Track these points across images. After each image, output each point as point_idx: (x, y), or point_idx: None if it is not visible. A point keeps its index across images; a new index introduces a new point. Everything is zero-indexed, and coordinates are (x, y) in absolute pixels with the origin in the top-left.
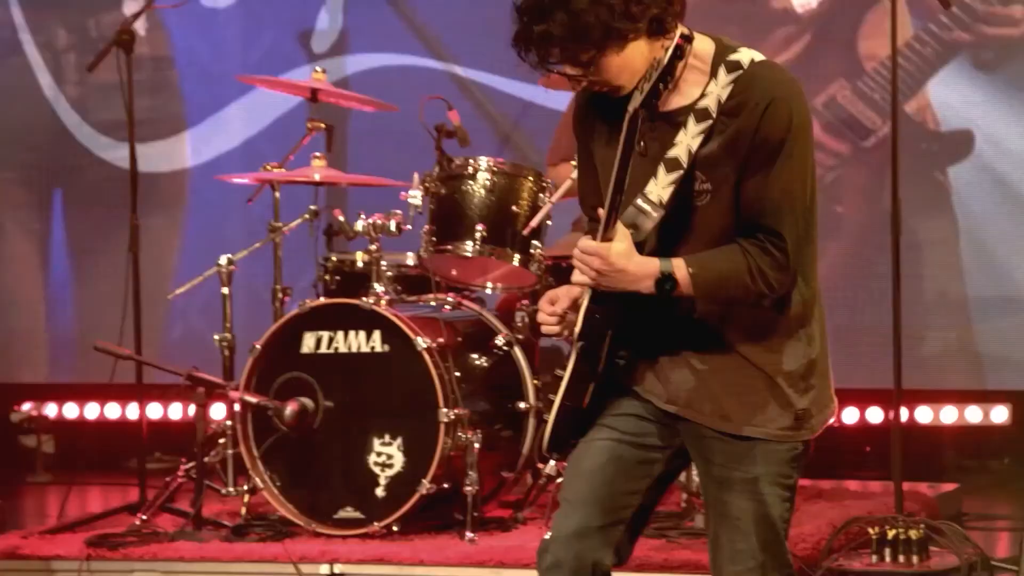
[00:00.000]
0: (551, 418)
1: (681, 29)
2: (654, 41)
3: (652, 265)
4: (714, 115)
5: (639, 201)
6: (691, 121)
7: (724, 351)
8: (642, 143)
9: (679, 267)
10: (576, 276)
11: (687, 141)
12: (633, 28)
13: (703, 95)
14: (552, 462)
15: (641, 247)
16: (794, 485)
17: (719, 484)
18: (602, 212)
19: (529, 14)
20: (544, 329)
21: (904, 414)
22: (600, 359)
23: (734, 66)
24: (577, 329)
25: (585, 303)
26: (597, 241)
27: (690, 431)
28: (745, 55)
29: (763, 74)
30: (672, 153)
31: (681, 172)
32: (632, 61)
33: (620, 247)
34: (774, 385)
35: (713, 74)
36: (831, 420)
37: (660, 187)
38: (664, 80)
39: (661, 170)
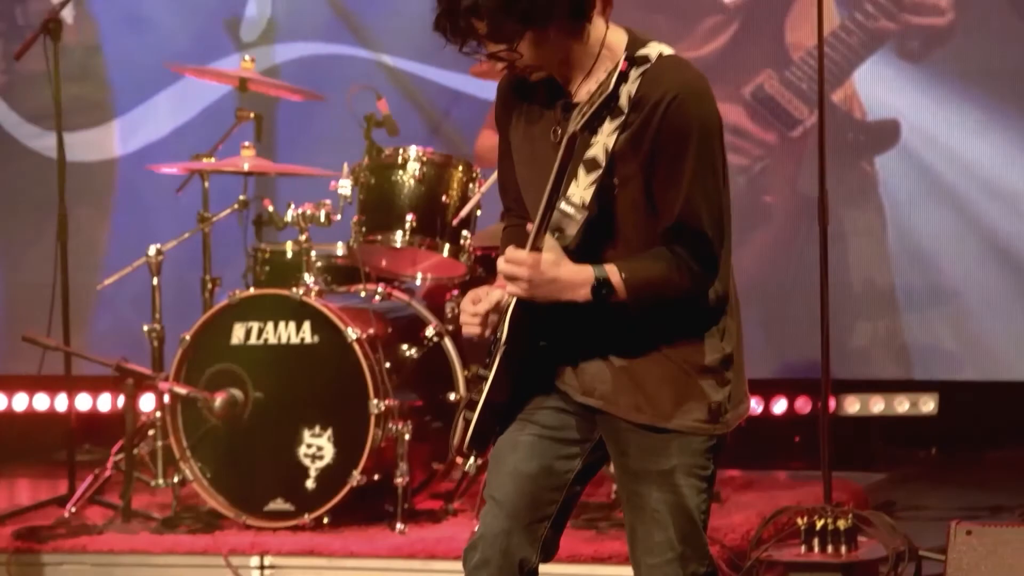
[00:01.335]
0: (474, 418)
1: (617, 30)
2: (575, 23)
3: (586, 272)
4: (625, 112)
5: (563, 205)
6: (606, 119)
7: (640, 345)
8: (558, 131)
9: (612, 272)
10: (509, 287)
11: (603, 140)
12: (557, 1)
13: (615, 95)
14: (472, 459)
15: (566, 249)
16: (711, 476)
17: (635, 476)
18: (529, 226)
19: None
20: (465, 330)
21: (832, 404)
22: (521, 366)
23: (642, 60)
24: (503, 335)
25: (511, 309)
26: (525, 251)
27: (606, 423)
28: (654, 49)
29: (668, 71)
30: (590, 153)
31: (600, 171)
32: (554, 40)
33: (549, 256)
34: (689, 378)
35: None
36: (745, 416)
37: (581, 188)
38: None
39: (581, 171)
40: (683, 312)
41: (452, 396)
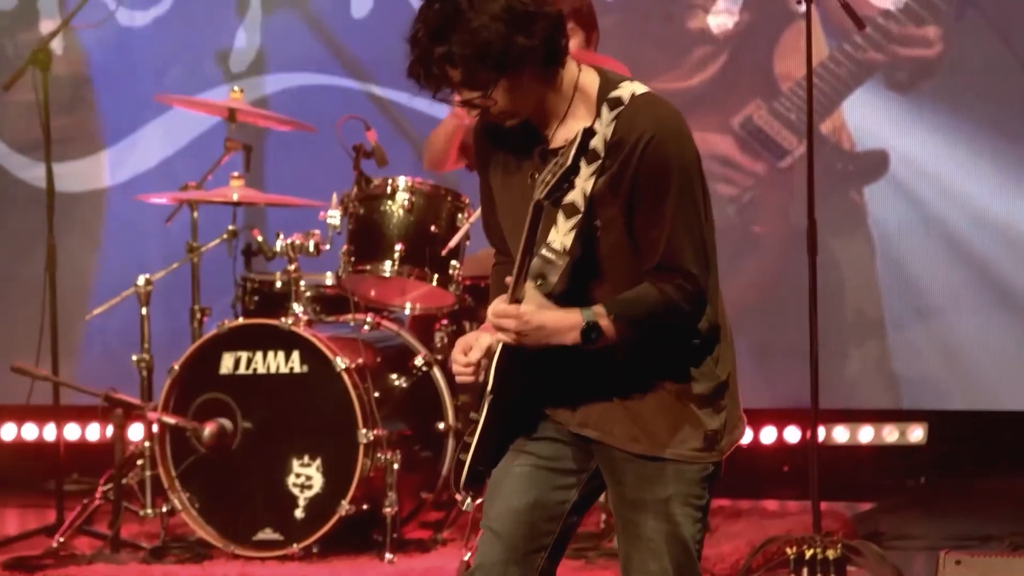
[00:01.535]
0: (468, 459)
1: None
2: (548, 70)
3: (573, 317)
4: (602, 155)
5: (544, 252)
6: (582, 164)
7: (634, 375)
8: (534, 174)
9: (600, 315)
10: (498, 336)
11: (581, 184)
12: (530, 47)
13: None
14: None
15: (551, 295)
16: (706, 506)
17: (631, 505)
18: (508, 279)
19: (428, 37)
20: (459, 379)
21: (821, 433)
22: (513, 407)
23: (615, 103)
24: (490, 384)
25: (496, 356)
26: (507, 303)
27: (602, 453)
28: (627, 90)
29: (643, 111)
30: (568, 199)
31: (579, 216)
32: (528, 86)
33: (531, 306)
34: (685, 407)
35: (597, 112)
36: (740, 440)
37: (561, 234)
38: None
39: (560, 217)
40: (676, 342)
41: (441, 425)
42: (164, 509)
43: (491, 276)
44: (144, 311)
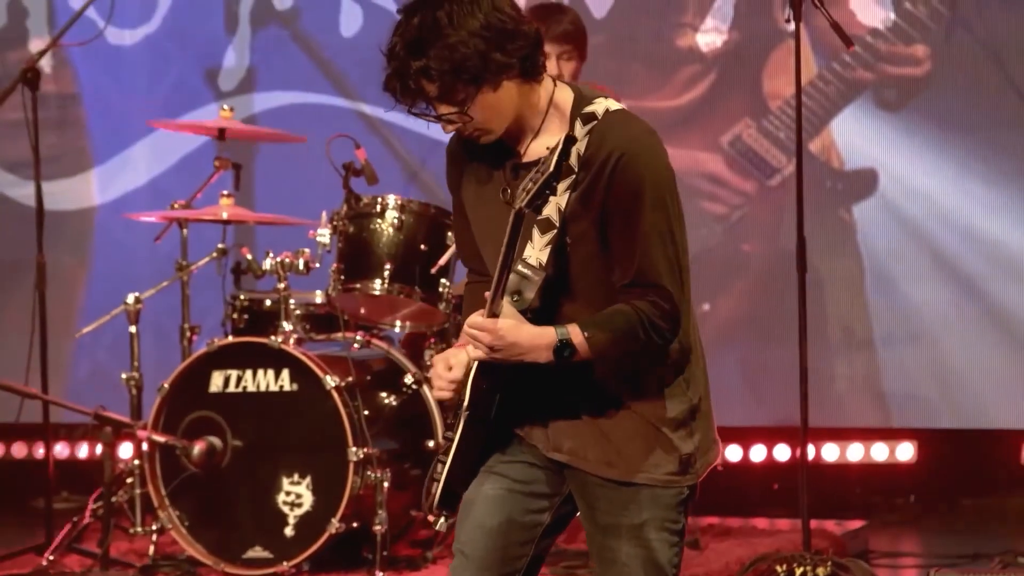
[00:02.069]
0: (441, 479)
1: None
2: (524, 86)
3: (547, 335)
4: (576, 169)
5: (520, 267)
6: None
7: (607, 399)
8: (507, 190)
9: (575, 333)
10: (471, 351)
11: (556, 199)
12: (507, 63)
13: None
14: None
15: (527, 310)
16: (682, 530)
17: (604, 530)
18: (486, 294)
19: (406, 50)
20: (436, 394)
21: (811, 451)
22: (487, 426)
23: (589, 118)
24: (466, 400)
25: (472, 373)
26: (483, 317)
27: (575, 478)
28: (600, 106)
29: (615, 127)
30: (544, 214)
31: (555, 232)
32: (504, 103)
33: (507, 321)
34: (658, 431)
35: (571, 127)
36: (716, 463)
37: (537, 250)
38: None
39: (536, 233)
40: (648, 365)
41: (431, 443)
42: (154, 527)
43: (464, 295)
44: (133, 329)
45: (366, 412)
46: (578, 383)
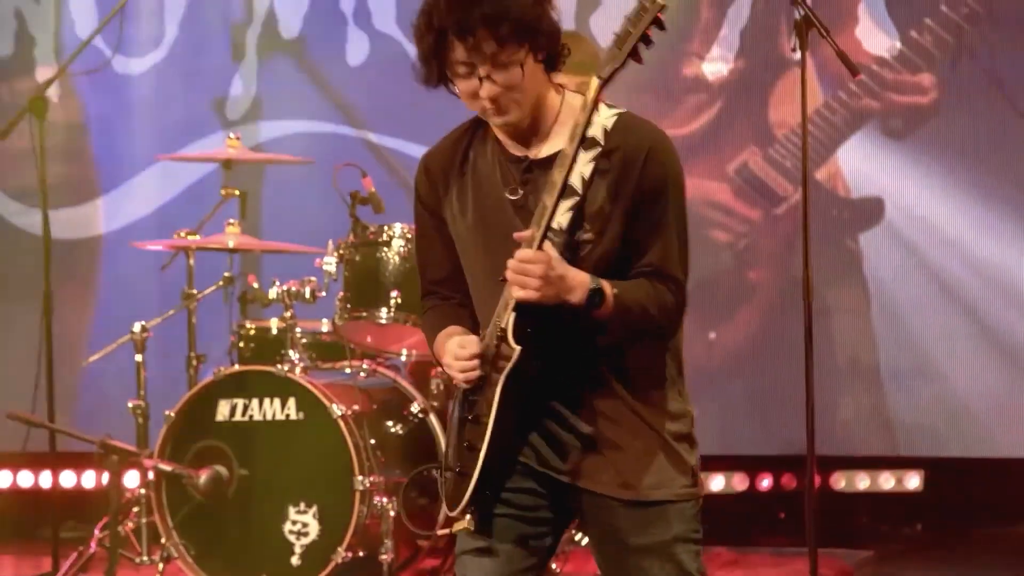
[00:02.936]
0: (476, 471)
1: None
2: (545, 75)
3: (584, 275)
4: (602, 143)
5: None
6: (580, 152)
7: (616, 416)
8: (521, 192)
9: (605, 286)
10: (516, 292)
11: (579, 169)
12: (553, 31)
13: (588, 124)
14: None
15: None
16: (700, 538)
17: (634, 552)
18: (522, 233)
19: (461, 4)
20: (462, 377)
21: (818, 481)
22: (511, 436)
23: (612, 106)
24: (492, 417)
25: (511, 322)
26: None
27: (591, 502)
28: (614, 106)
29: (641, 122)
30: (569, 184)
31: (577, 199)
32: (535, 82)
33: (553, 253)
34: (666, 444)
35: (593, 109)
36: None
37: (559, 214)
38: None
39: (562, 201)
40: (651, 375)
41: (437, 472)
42: (160, 557)
43: (426, 322)
44: (140, 358)
45: (372, 441)
46: (586, 400)
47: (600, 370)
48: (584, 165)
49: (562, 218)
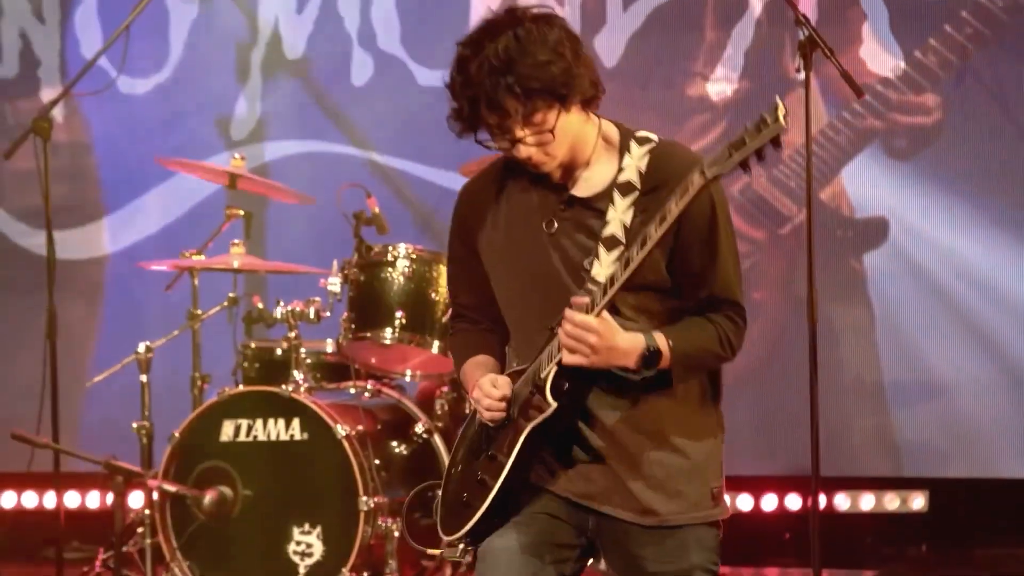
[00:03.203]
0: (483, 506)
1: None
2: (583, 113)
3: (639, 340)
4: (639, 186)
5: (588, 285)
6: (617, 197)
7: (636, 440)
8: (556, 226)
9: (661, 341)
10: (568, 357)
11: (618, 216)
12: (584, 80)
13: (620, 170)
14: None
15: None
16: (718, 572)
17: None
18: (580, 299)
19: (492, 70)
20: (488, 415)
21: (823, 501)
22: (528, 472)
23: (645, 140)
24: (512, 459)
25: (552, 377)
26: (590, 316)
27: (611, 528)
28: (651, 134)
29: (676, 151)
30: (608, 231)
31: (622, 248)
32: (571, 128)
33: (612, 322)
34: (688, 468)
35: (625, 150)
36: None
37: (604, 267)
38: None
39: (601, 250)
40: (679, 398)
41: (438, 495)
42: None
43: (454, 344)
44: (144, 378)
45: (377, 461)
46: (610, 424)
47: (626, 396)
48: (624, 212)
49: (609, 269)
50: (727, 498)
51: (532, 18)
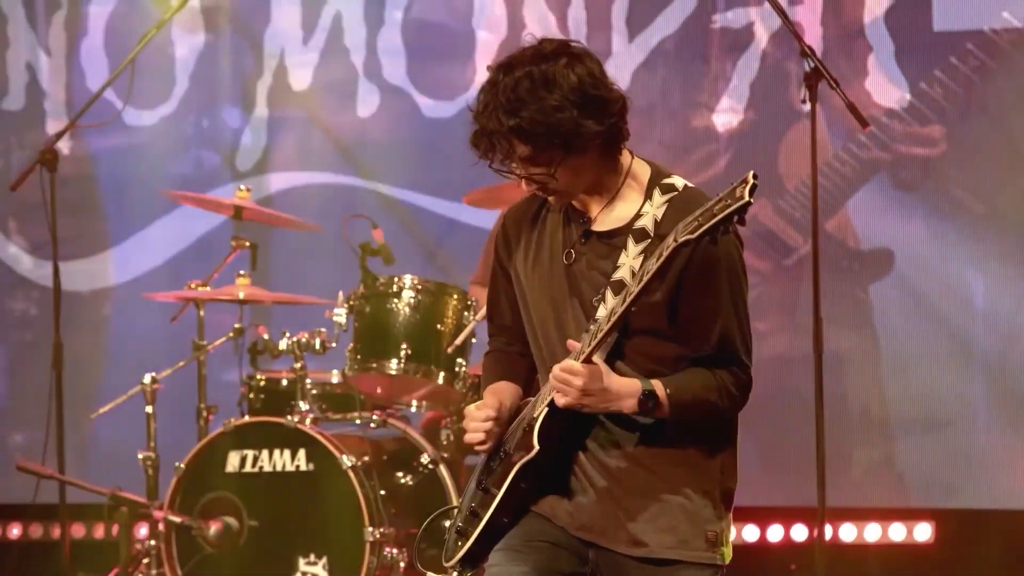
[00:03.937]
0: (476, 533)
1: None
2: (608, 152)
3: (635, 384)
4: (652, 235)
5: (591, 326)
6: (630, 242)
7: (641, 480)
8: (573, 257)
9: (659, 388)
10: (557, 399)
11: (629, 262)
12: (597, 131)
13: (639, 215)
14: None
15: None
16: None
17: None
18: (573, 343)
19: (500, 109)
20: (468, 437)
21: (828, 532)
22: (526, 502)
23: (668, 188)
24: (506, 486)
25: (541, 419)
26: (577, 361)
27: (607, 559)
28: (679, 181)
29: (692, 204)
30: (617, 275)
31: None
32: (587, 168)
33: (601, 367)
34: (685, 503)
35: (648, 195)
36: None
37: (608, 310)
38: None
39: (608, 293)
40: (688, 447)
41: (447, 523)
42: None
43: (486, 363)
44: (150, 409)
45: (382, 492)
46: (607, 457)
47: (628, 434)
48: (635, 259)
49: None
50: (729, 545)
51: (557, 55)
